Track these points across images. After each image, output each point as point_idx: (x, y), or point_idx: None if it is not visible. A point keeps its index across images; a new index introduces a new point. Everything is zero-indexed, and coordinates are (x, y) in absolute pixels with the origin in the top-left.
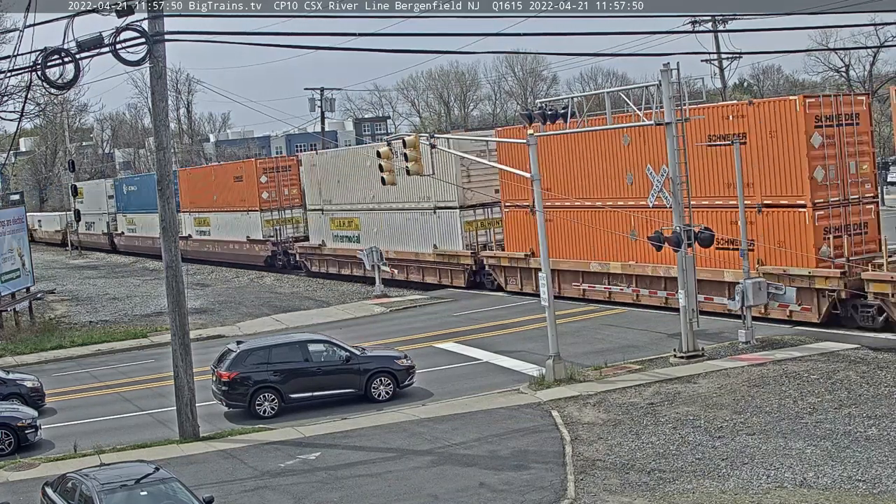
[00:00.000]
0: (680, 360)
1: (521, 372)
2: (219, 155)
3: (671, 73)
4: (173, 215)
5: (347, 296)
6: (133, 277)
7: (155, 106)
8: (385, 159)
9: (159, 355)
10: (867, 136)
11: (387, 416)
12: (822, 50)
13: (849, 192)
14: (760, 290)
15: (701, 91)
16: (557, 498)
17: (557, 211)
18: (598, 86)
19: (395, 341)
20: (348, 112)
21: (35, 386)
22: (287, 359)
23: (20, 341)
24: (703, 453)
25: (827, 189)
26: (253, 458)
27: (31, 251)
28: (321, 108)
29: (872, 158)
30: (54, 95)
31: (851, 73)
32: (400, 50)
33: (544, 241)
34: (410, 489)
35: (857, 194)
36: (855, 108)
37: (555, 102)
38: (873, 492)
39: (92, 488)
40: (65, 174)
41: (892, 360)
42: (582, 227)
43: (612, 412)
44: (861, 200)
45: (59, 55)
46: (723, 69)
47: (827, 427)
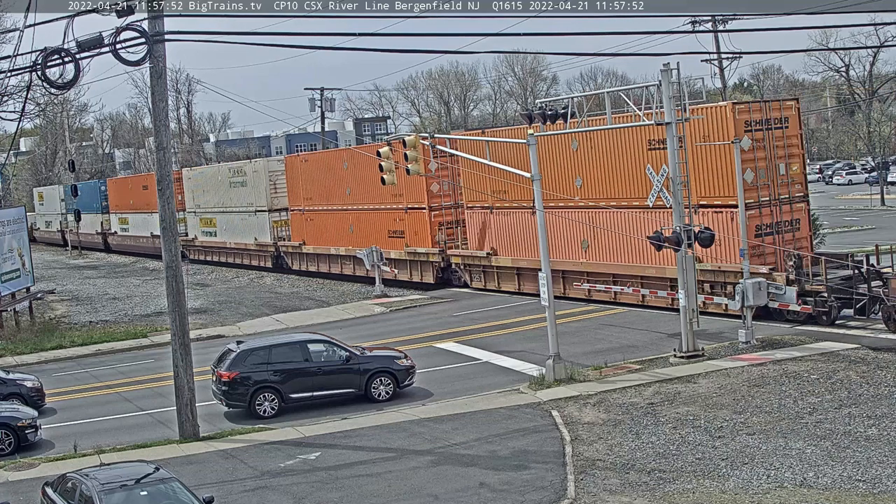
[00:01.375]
0: (680, 360)
1: (521, 372)
2: (219, 155)
3: (671, 73)
4: (173, 215)
5: (347, 296)
6: (133, 277)
7: (155, 106)
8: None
9: (159, 355)
10: (797, 140)
11: (387, 416)
12: (822, 50)
13: (779, 192)
14: (760, 290)
15: (701, 91)
16: (557, 498)
17: (516, 212)
18: (598, 86)
19: (395, 341)
20: (348, 112)
21: (35, 386)
22: (287, 359)
23: (20, 341)
24: (703, 453)
25: (757, 190)
26: (253, 458)
27: (31, 251)
28: (321, 108)
29: (802, 160)
30: (54, 95)
31: (851, 73)
32: (400, 50)
33: (544, 242)
34: (410, 489)
35: (786, 194)
36: (784, 113)
37: (555, 102)
38: (873, 492)
39: (92, 488)
40: (65, 174)
41: (892, 360)
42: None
43: (612, 412)
44: (791, 200)
45: (59, 55)
46: (723, 69)
47: (827, 427)
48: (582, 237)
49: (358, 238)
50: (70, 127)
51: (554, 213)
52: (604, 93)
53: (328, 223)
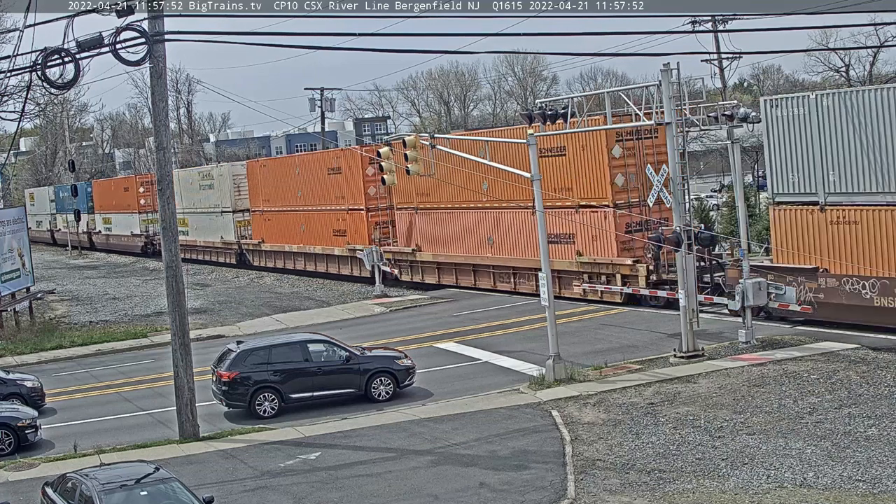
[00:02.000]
0: (680, 360)
1: (521, 372)
2: (219, 155)
3: (671, 73)
4: (173, 215)
5: (347, 296)
6: (133, 277)
7: (155, 106)
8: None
9: (159, 355)
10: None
11: (387, 416)
12: (822, 50)
13: (648, 194)
14: (761, 290)
15: (701, 91)
16: (557, 498)
17: (436, 213)
18: (598, 86)
19: (395, 341)
20: (348, 112)
21: (35, 386)
22: (287, 359)
23: (20, 341)
24: (703, 453)
25: (627, 192)
26: (253, 458)
27: (31, 251)
28: (321, 108)
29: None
30: (54, 95)
31: (851, 73)
32: (400, 50)
33: (544, 242)
34: (410, 489)
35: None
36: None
37: (555, 102)
38: (873, 492)
39: (92, 488)
40: (65, 174)
41: (892, 360)
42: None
43: (612, 412)
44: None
45: (59, 55)
46: (723, 69)
47: (827, 427)
48: (488, 234)
49: (308, 236)
50: (70, 127)
51: (466, 214)
52: (604, 93)
53: (283, 223)
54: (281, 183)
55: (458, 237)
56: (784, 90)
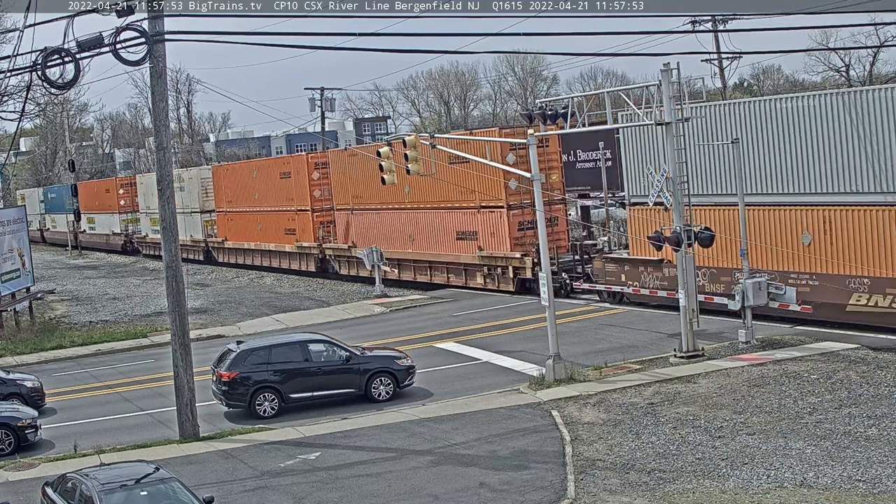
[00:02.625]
0: (680, 360)
1: (521, 372)
2: (219, 155)
3: (671, 73)
4: (173, 215)
5: (347, 296)
6: (133, 277)
7: (155, 106)
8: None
9: (159, 355)
10: (556, 155)
11: (387, 416)
12: (822, 50)
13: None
14: (761, 290)
15: (701, 91)
16: (557, 498)
17: (368, 213)
18: (599, 86)
19: (395, 341)
20: (348, 112)
21: (35, 386)
22: (287, 359)
23: (20, 341)
24: (703, 453)
25: (520, 195)
26: (253, 458)
27: (31, 251)
28: (321, 108)
29: (561, 171)
30: (54, 95)
31: (851, 73)
32: (400, 50)
33: (544, 242)
34: (410, 489)
35: (546, 198)
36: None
37: (555, 102)
38: (873, 492)
39: (92, 488)
40: (65, 174)
41: (892, 360)
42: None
43: (612, 412)
44: (551, 202)
45: (59, 55)
46: (723, 69)
47: (827, 427)
48: (410, 232)
49: (264, 234)
50: (70, 127)
51: (391, 214)
52: (604, 93)
53: (243, 222)
54: (241, 186)
55: (385, 235)
56: (784, 90)
